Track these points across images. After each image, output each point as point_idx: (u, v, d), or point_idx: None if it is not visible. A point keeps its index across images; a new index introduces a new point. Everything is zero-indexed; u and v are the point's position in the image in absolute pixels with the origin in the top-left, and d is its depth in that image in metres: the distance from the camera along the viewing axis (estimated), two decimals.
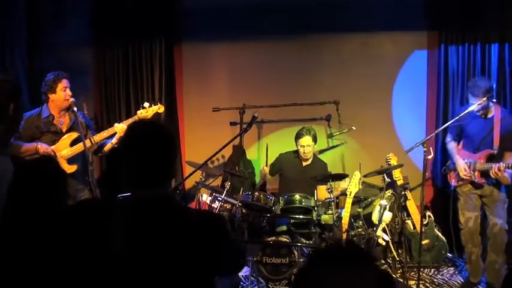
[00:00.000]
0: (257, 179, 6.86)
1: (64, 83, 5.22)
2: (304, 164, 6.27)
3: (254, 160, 6.96)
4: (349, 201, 5.67)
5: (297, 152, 6.28)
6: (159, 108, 5.69)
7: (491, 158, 5.37)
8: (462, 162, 5.52)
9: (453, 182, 5.68)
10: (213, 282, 2.35)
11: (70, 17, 6.62)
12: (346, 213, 5.63)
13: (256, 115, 5.85)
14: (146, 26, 6.70)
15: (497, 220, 5.44)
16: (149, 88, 6.79)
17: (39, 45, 6.55)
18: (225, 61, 7.06)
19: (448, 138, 5.82)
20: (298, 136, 6.15)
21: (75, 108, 5.13)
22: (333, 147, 6.54)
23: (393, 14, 6.62)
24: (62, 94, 5.21)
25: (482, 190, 5.51)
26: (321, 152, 6.71)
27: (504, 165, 5.21)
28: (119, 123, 5.49)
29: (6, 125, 3.18)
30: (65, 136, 5.28)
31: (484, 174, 5.41)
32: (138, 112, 5.58)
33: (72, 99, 5.20)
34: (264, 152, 6.47)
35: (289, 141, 6.44)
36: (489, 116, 5.42)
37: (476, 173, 5.46)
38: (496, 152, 5.36)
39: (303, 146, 6.10)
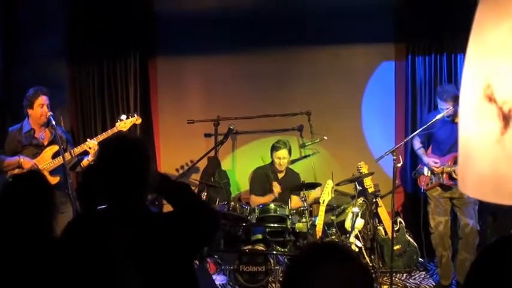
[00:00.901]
0: (233, 190, 6.96)
1: (42, 99, 5.28)
2: (280, 176, 6.43)
3: (229, 171, 7.04)
4: (322, 209, 5.81)
5: (271, 164, 6.45)
6: (137, 119, 5.79)
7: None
8: (432, 159, 5.71)
9: (423, 186, 5.83)
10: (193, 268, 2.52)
11: (46, 31, 6.60)
12: (320, 221, 5.76)
13: (232, 127, 5.99)
14: (121, 41, 6.76)
15: (469, 220, 5.57)
16: (124, 102, 6.84)
17: (15, 57, 6.53)
18: (199, 74, 7.14)
19: (418, 144, 5.98)
20: (274, 149, 6.32)
21: (53, 123, 5.20)
22: (306, 156, 6.65)
23: (361, 27, 6.75)
24: (39, 110, 5.27)
25: (452, 192, 5.63)
26: (294, 161, 6.77)
27: None
28: (93, 138, 5.61)
29: None
30: (47, 149, 5.36)
31: (452, 176, 5.59)
32: (117, 124, 5.68)
33: (49, 113, 5.27)
34: (238, 162, 6.59)
35: (263, 151, 6.59)
36: (456, 120, 5.60)
37: (444, 175, 5.61)
38: None
39: (279, 158, 6.28)
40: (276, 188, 6.23)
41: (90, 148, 5.38)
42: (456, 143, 5.55)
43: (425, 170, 5.80)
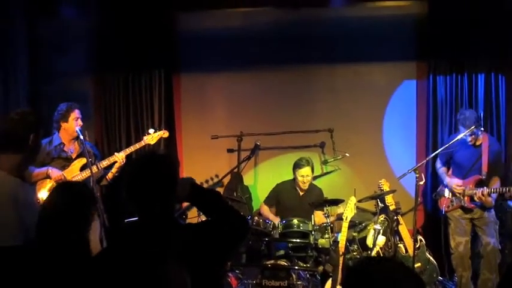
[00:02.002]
0: (255, 205, 7.03)
1: (76, 113, 5.50)
2: (301, 192, 6.47)
3: (251, 185, 7.12)
4: (345, 225, 5.81)
5: (294, 181, 6.48)
6: (164, 133, 5.94)
7: (480, 184, 5.60)
8: (455, 180, 5.76)
9: (444, 208, 5.88)
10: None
11: (71, 46, 6.71)
12: (342, 237, 5.76)
13: (258, 143, 6.07)
14: (146, 58, 6.91)
15: (490, 239, 5.63)
16: (149, 117, 6.97)
17: (41, 71, 6.61)
18: (222, 90, 7.27)
19: (438, 164, 6.05)
20: (297, 166, 6.35)
21: (81, 137, 5.34)
22: (328, 173, 6.69)
23: (383, 45, 6.84)
24: (73, 123, 5.46)
25: (472, 213, 5.72)
26: (316, 177, 6.81)
27: (487, 190, 5.47)
28: (119, 152, 5.74)
29: (25, 155, 3.31)
30: (75, 161, 5.51)
31: (473, 199, 5.64)
32: (144, 138, 5.82)
33: (77, 128, 5.42)
34: (260, 178, 6.66)
35: (285, 167, 6.64)
36: (478, 143, 5.68)
37: (465, 198, 5.67)
38: (484, 177, 5.60)
39: (303, 176, 6.31)
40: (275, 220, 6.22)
41: (117, 160, 5.52)
42: (475, 166, 5.64)
43: (446, 192, 5.86)
